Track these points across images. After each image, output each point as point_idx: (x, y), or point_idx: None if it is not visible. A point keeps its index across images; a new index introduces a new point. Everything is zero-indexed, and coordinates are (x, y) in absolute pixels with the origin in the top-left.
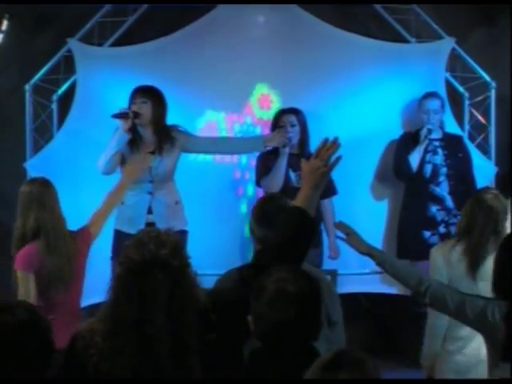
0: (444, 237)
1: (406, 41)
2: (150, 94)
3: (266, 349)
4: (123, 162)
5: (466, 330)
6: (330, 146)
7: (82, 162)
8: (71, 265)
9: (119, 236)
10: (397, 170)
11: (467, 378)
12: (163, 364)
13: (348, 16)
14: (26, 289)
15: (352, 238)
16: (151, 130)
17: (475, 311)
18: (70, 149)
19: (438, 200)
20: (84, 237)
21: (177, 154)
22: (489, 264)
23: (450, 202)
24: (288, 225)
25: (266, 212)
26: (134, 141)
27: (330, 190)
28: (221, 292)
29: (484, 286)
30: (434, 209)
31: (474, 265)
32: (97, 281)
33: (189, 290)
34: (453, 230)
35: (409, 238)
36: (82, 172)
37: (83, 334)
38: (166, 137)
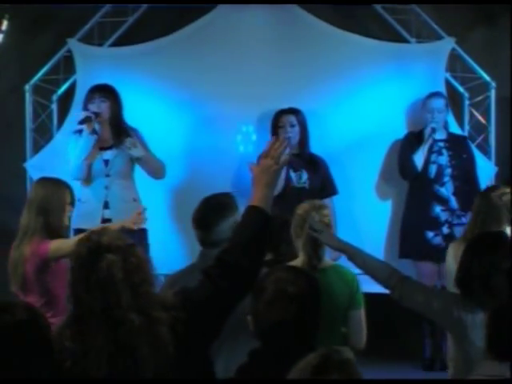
0: (447, 237)
1: (406, 41)
2: (108, 93)
3: (265, 349)
4: None
5: None
6: (279, 144)
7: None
8: None
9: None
10: (402, 170)
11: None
12: (137, 344)
13: (348, 16)
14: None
15: (324, 234)
16: (109, 127)
17: (441, 306)
18: (69, 149)
19: (442, 200)
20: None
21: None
22: None
23: (454, 203)
24: (248, 224)
25: (200, 214)
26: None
27: (330, 190)
28: (188, 291)
29: None
30: (437, 209)
31: None
32: None
33: (142, 263)
34: (456, 230)
35: (412, 237)
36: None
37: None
38: (123, 133)
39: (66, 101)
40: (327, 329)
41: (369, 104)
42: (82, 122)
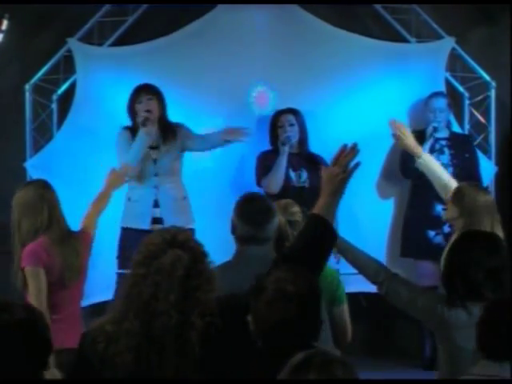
0: (448, 236)
1: (406, 41)
2: (155, 91)
3: (265, 349)
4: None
5: None
6: (349, 152)
7: (82, 162)
8: (79, 259)
9: (126, 233)
10: (403, 169)
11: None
12: (166, 339)
13: (348, 16)
14: (37, 283)
15: None
16: (157, 126)
17: (425, 304)
18: (69, 148)
19: (444, 199)
20: (85, 238)
21: (180, 149)
22: None
23: None
24: (308, 231)
25: (251, 210)
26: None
27: None
28: (233, 299)
29: None
30: (439, 208)
31: None
32: (96, 281)
33: (205, 271)
34: None
35: (413, 236)
36: (82, 172)
37: (92, 329)
38: (169, 131)
39: (66, 100)
40: None
41: (369, 103)
42: (143, 124)
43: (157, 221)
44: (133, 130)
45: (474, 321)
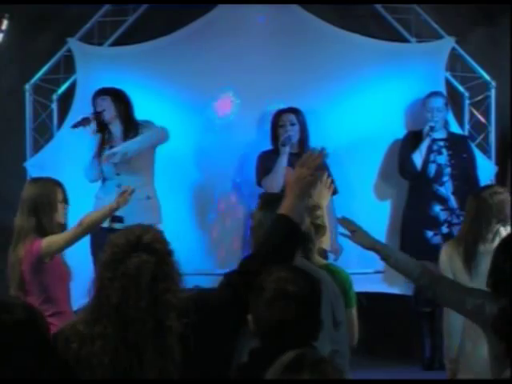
0: (446, 237)
1: (406, 40)
2: (108, 92)
3: (265, 349)
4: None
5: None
6: (317, 156)
7: (82, 162)
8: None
9: (95, 231)
10: (401, 169)
11: (465, 379)
12: (143, 346)
13: (348, 16)
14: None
15: (357, 234)
16: (119, 125)
17: (474, 304)
18: (69, 148)
19: (442, 200)
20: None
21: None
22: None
23: (453, 202)
24: (274, 232)
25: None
26: (103, 138)
27: None
28: (205, 296)
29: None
30: (437, 208)
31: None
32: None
33: (172, 272)
34: (455, 230)
35: (411, 237)
36: (81, 171)
37: (65, 328)
38: (131, 130)
39: (66, 100)
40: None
41: (369, 103)
42: (75, 127)
43: (116, 219)
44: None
45: None
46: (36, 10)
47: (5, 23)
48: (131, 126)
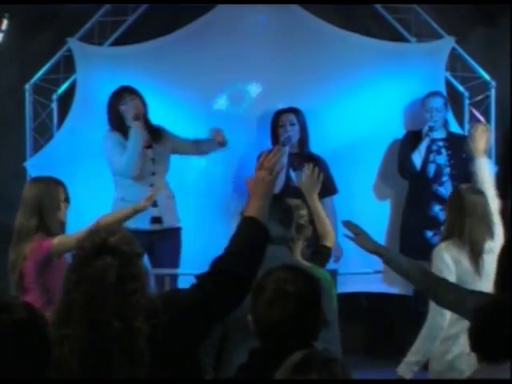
0: None
1: (406, 40)
2: (136, 92)
3: (265, 349)
4: None
5: (454, 329)
6: (273, 155)
7: (82, 161)
8: None
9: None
10: (401, 169)
11: (464, 378)
12: (112, 348)
13: (348, 16)
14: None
15: (360, 237)
16: (142, 126)
17: (475, 305)
18: (69, 148)
19: (441, 200)
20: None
21: (170, 150)
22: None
23: None
24: (243, 234)
25: (288, 212)
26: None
27: (330, 189)
28: (175, 296)
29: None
30: (436, 208)
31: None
32: None
33: (139, 274)
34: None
35: (411, 237)
36: (81, 171)
37: None
38: (155, 131)
39: (66, 100)
40: None
41: (369, 103)
42: (136, 118)
43: (156, 220)
44: (121, 132)
45: None
46: (36, 10)
47: (5, 23)
48: (154, 130)
